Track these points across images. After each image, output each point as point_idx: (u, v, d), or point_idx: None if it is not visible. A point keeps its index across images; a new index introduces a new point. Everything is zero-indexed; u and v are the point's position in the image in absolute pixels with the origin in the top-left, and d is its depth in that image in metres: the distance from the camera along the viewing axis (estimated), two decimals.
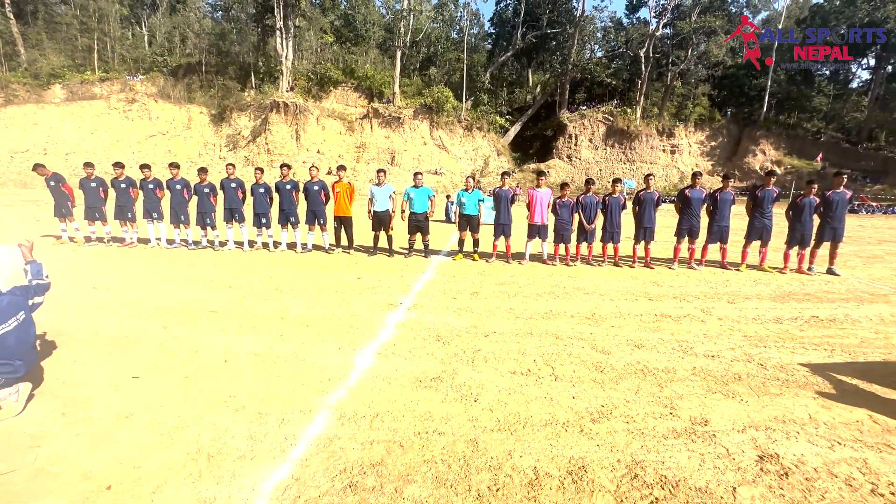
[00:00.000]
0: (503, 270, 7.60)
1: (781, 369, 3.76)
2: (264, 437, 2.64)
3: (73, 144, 34.27)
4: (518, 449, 2.58)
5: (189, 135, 36.44)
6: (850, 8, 36.23)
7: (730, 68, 40.40)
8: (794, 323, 5.03)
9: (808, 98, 39.76)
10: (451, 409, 3.01)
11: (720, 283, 6.98)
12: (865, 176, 34.50)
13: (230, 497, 2.14)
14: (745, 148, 38.82)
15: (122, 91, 36.68)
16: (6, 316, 2.78)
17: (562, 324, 4.81)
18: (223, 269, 7.14)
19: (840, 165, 36.41)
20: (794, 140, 38.34)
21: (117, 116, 35.90)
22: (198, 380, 3.35)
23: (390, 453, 2.51)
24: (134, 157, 35.21)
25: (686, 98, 40.82)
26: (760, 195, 7.81)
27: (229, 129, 36.32)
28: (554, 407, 3.06)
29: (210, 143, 36.33)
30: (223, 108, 37.03)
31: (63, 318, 4.60)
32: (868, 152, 36.46)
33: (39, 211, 14.72)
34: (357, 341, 4.19)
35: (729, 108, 42.02)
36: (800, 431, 2.83)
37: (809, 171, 36.01)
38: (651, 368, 3.72)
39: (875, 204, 25.76)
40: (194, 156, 35.11)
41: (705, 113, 40.19)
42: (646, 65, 38.46)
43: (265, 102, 35.47)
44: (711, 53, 37.31)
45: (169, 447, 2.52)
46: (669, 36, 39.98)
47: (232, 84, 38.62)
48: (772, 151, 38.05)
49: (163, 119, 36.45)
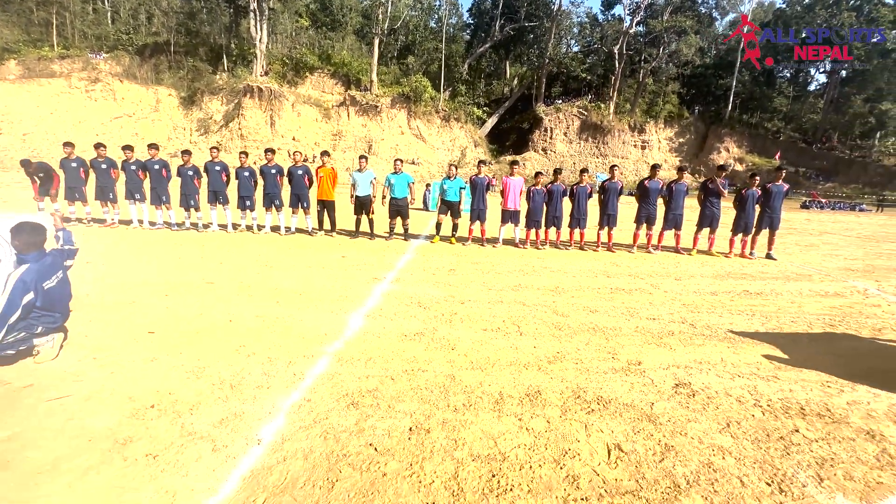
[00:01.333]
0: (478, 252, 8.23)
1: (707, 328, 4.53)
2: (276, 374, 3.17)
3: (30, 124, 32.76)
4: (487, 380, 3.20)
5: (157, 117, 35.39)
6: (809, 14, 38.43)
7: (698, 68, 42.20)
8: (727, 295, 5.87)
9: (770, 99, 42.04)
10: (432, 355, 3.61)
11: (671, 264, 7.84)
12: (818, 174, 36.97)
13: (255, 412, 2.67)
14: (710, 145, 40.80)
15: (84, 70, 35.17)
16: (50, 272, 3.17)
17: (528, 294, 5.48)
18: (211, 249, 7.48)
19: (796, 164, 38.91)
20: (756, 139, 40.57)
21: (79, 96, 34.47)
22: (208, 335, 3.82)
23: (383, 383, 3.09)
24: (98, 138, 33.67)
25: (657, 95, 42.44)
26: (710, 187, 8.70)
27: (200, 113, 35.47)
28: (518, 353, 3.71)
29: (180, 127, 35.42)
30: (193, 90, 36.08)
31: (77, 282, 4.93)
32: (822, 152, 39.03)
33: (4, 192, 14.37)
34: (347, 307, 4.72)
35: (697, 107, 43.95)
36: (710, 369, 3.57)
37: (769, 168, 38.26)
38: (601, 327, 4.41)
39: (825, 200, 27.80)
40: (163, 139, 34.10)
41: (674, 110, 41.93)
42: (619, 61, 39.74)
43: (238, 86, 34.81)
44: (681, 52, 38.87)
45: (196, 381, 3.02)
46: (642, 34, 41.38)
47: (203, 66, 37.63)
48: (735, 149, 40.16)
49: (128, 100, 35.23)
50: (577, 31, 45.14)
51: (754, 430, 2.72)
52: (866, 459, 2.48)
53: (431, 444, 2.45)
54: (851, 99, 37.95)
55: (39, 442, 2.32)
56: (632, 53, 40.92)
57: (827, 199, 28.25)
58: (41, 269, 3.12)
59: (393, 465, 2.26)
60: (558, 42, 42.33)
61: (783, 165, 37.64)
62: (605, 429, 2.65)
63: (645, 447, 2.49)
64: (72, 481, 2.05)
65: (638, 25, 41.15)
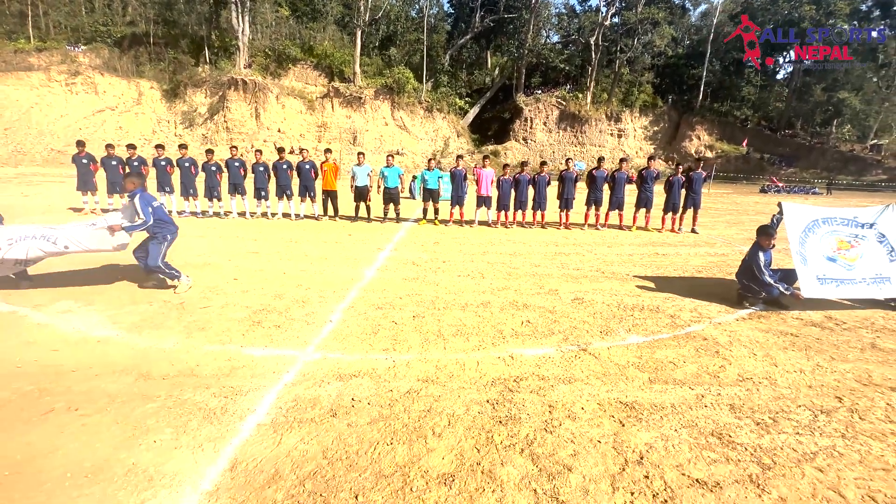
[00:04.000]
0: (457, 230, 10.35)
1: (612, 273, 6.74)
2: (328, 296, 5.23)
3: (10, 119, 33.42)
4: (458, 300, 5.32)
5: (140, 110, 36.29)
6: (773, 6, 41.20)
7: (671, 58, 44.72)
8: (639, 256, 8.12)
9: (739, 88, 44.89)
10: (423, 288, 5.72)
11: (611, 237, 10.09)
12: (782, 160, 40.04)
13: (323, 312, 4.74)
14: (682, 133, 43.53)
15: (63, 62, 35.73)
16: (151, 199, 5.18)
17: (492, 257, 7.62)
18: (240, 231, 9.42)
19: (762, 151, 41.94)
20: (725, 126, 43.44)
21: (59, 90, 35.14)
22: (273, 280, 5.85)
23: (394, 302, 5.18)
24: (81, 133, 34.80)
25: (632, 85, 44.86)
26: (645, 174, 10.95)
27: (184, 106, 36.47)
28: (479, 286, 5.84)
29: (164, 120, 36.41)
30: (176, 83, 37.01)
31: None
32: (785, 139, 42.13)
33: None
34: (361, 265, 6.79)
35: (670, 96, 46.55)
36: (600, 292, 5.76)
37: (736, 155, 41.25)
38: (538, 274, 6.58)
39: (782, 185, 30.67)
40: (148, 133, 35.19)
41: (649, 99, 44.45)
42: (596, 52, 41.96)
43: (222, 79, 35.90)
44: (655, 43, 41.28)
45: (281, 301, 5.07)
46: (618, 25, 43.62)
47: (185, 58, 38.47)
48: (705, 137, 42.97)
49: (110, 94, 36.02)
50: (555, 23, 47.16)
51: (607, 314, 4.91)
52: (660, 324, 4.68)
53: (425, 321, 4.56)
54: (812, 88, 40.99)
55: (213, 321, 4.36)
56: (608, 44, 43.15)
57: (784, 184, 31.12)
58: (144, 196, 5.10)
59: (405, 328, 4.37)
60: (537, 33, 44.29)
61: (750, 152, 40.73)
62: (522, 316, 4.81)
63: (542, 320, 4.65)
64: (241, 336, 4.10)
65: (613, 17, 43.38)
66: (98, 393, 3.04)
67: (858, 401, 3.25)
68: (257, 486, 2.24)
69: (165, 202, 10.75)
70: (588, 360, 3.77)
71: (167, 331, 4.14)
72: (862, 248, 5.42)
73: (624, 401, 3.13)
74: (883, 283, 5.35)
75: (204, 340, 3.95)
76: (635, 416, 2.96)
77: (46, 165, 31.16)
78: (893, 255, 5.51)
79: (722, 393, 3.29)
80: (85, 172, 10.60)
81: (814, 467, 2.50)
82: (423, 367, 3.56)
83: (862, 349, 4.19)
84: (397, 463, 2.43)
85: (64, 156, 32.89)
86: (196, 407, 2.90)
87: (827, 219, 5.64)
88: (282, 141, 35.16)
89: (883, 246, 5.55)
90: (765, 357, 3.94)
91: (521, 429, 2.77)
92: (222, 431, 2.66)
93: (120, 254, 5.48)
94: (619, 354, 3.90)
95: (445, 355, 3.80)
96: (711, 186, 30.39)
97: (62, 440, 2.54)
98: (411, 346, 3.96)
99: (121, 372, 3.34)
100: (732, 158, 41.21)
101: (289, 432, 2.67)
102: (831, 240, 5.47)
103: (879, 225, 5.56)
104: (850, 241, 5.44)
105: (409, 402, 3.05)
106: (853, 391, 3.39)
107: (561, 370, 3.58)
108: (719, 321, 4.84)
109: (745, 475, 2.41)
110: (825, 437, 2.79)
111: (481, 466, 2.42)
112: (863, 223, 5.55)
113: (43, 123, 33.72)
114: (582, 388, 3.30)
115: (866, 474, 2.45)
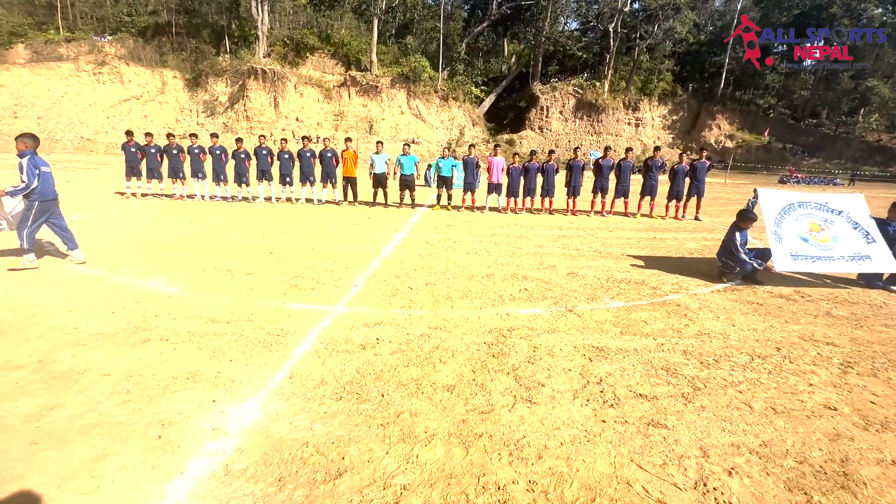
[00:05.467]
0: (468, 215, 11.11)
1: (609, 253, 7.44)
2: (353, 266, 6.08)
3: (42, 108, 35.15)
4: (466, 272, 6.11)
5: (164, 99, 37.71)
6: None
7: (692, 45, 44.17)
8: (637, 240, 8.77)
9: (762, 76, 44.13)
10: (435, 262, 6.52)
11: (614, 223, 10.73)
12: (804, 150, 39.50)
13: (349, 278, 5.59)
14: (702, 122, 43.16)
15: (91, 52, 37.28)
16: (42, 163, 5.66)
17: (499, 238, 8.38)
18: (266, 214, 10.35)
19: (784, 140, 41.38)
20: (747, 115, 42.90)
21: (87, 79, 36.71)
22: (303, 255, 6.72)
23: (409, 273, 6.00)
24: (108, 122, 36.50)
25: (651, 73, 44.50)
26: (650, 163, 11.50)
27: (206, 95, 37.75)
28: (485, 262, 6.62)
29: (186, 109, 37.78)
30: (198, 72, 38.26)
31: (197, 234, 7.84)
32: (809, 128, 41.47)
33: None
34: (381, 242, 7.63)
35: (690, 84, 46.07)
36: (594, 268, 6.47)
37: (757, 145, 40.80)
38: (541, 252, 7.32)
39: (801, 175, 30.47)
40: (171, 121, 36.57)
41: (668, 88, 44.10)
42: (615, 39, 41.72)
43: (242, 68, 36.98)
44: (676, 30, 40.84)
45: (313, 269, 5.93)
46: (638, 11, 43.20)
47: (206, 48, 39.66)
48: (726, 126, 42.54)
49: (135, 83, 37.49)
50: (574, 9, 46.88)
51: (596, 285, 5.64)
52: (641, 293, 5.40)
53: (436, 287, 5.37)
54: (840, 76, 40.14)
55: (258, 285, 5.25)
56: (627, 31, 42.81)
57: (803, 175, 30.90)
58: (34, 159, 5.48)
59: (419, 292, 5.19)
60: (555, 20, 44.15)
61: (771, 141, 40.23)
62: (521, 285, 5.57)
63: (537, 288, 5.42)
64: (283, 295, 4.97)
65: (633, 2, 42.96)
66: (179, 329, 3.94)
67: (793, 351, 3.95)
68: (310, 387, 3.08)
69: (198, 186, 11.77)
70: (572, 318, 4.53)
71: (221, 291, 5.04)
72: (832, 230, 6.02)
73: (595, 345, 3.90)
74: (863, 260, 5.94)
75: (253, 298, 4.83)
76: (603, 355, 3.72)
77: (77, 153, 32.85)
78: (869, 237, 6.09)
79: (680, 343, 4.02)
80: (132, 159, 11.62)
81: (736, 390, 3.23)
82: (433, 320, 4.37)
83: (816, 315, 4.85)
84: (412, 378, 3.26)
85: (93, 143, 34.65)
86: (256, 340, 3.77)
87: (802, 202, 6.24)
88: (300, 129, 36.22)
89: (857, 231, 6.13)
90: (726, 319, 4.65)
91: (509, 360, 3.57)
92: (279, 356, 3.52)
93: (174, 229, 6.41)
94: (599, 315, 4.65)
95: (452, 312, 4.60)
96: (728, 177, 30.42)
97: (163, 357, 3.43)
98: (424, 305, 4.77)
99: (193, 317, 4.24)
100: (753, 148, 40.79)
101: (329, 357, 3.51)
102: (805, 222, 6.08)
103: (849, 213, 6.14)
104: (821, 224, 6.05)
105: (422, 341, 3.86)
106: (793, 344, 4.09)
107: (547, 324, 4.35)
108: (696, 293, 5.54)
109: (679, 393, 3.17)
110: (754, 372, 3.52)
111: (475, 381, 3.23)
112: (832, 209, 6.14)
113: (72, 112, 35.35)
114: (563, 337, 4.07)
115: (776, 395, 3.18)
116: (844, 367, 3.64)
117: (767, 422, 2.85)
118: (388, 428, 2.66)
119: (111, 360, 3.37)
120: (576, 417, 2.83)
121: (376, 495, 2.15)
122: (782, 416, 2.92)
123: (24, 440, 2.46)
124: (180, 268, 5.86)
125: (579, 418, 2.82)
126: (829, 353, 3.92)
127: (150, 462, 2.32)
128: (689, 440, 2.64)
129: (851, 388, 3.32)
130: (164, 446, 2.44)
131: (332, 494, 2.14)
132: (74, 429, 2.57)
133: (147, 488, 2.15)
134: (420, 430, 2.65)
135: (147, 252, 6.58)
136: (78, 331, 3.85)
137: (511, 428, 2.70)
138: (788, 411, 2.98)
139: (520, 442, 2.57)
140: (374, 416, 2.77)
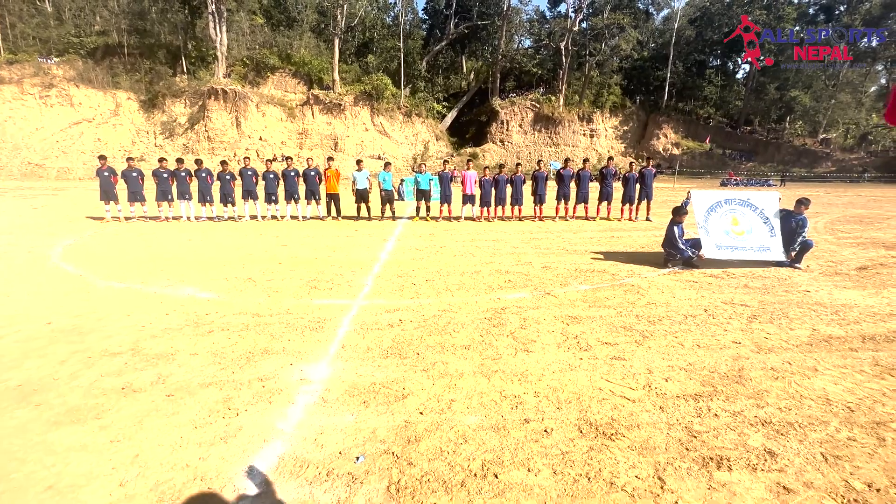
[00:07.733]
0: (447, 225, 12.25)
1: (575, 251, 8.75)
2: (358, 270, 7.04)
3: None
4: (457, 270, 7.21)
5: (118, 122, 37.00)
6: (729, 11, 44.79)
7: (637, 60, 47.90)
8: (599, 239, 10.17)
9: (701, 88, 48.40)
10: (429, 264, 7.58)
11: (577, 226, 12.17)
12: (741, 155, 43.49)
13: (358, 280, 6.55)
14: (650, 132, 46.67)
15: (37, 75, 36.15)
16: None
17: (480, 243, 9.55)
18: (259, 231, 11.07)
19: (724, 147, 45.36)
20: (689, 125, 46.81)
21: (33, 102, 35.57)
22: (310, 263, 7.60)
23: (409, 273, 7.03)
24: (58, 146, 35.41)
25: (602, 87, 47.83)
26: (605, 172, 13.09)
27: (163, 116, 37.36)
28: (470, 262, 7.75)
29: (143, 131, 37.21)
30: (154, 93, 37.87)
31: (200, 250, 8.54)
32: (744, 135, 45.73)
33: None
34: (375, 251, 8.61)
35: (638, 97, 49.78)
36: (563, 262, 7.73)
37: (700, 151, 44.53)
38: (517, 252, 8.53)
39: (739, 178, 33.76)
40: (127, 143, 35.96)
41: (618, 100, 47.49)
42: (566, 56, 44.73)
43: (201, 89, 36.96)
44: (621, 47, 44.30)
45: (324, 274, 6.84)
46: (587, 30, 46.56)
47: (161, 68, 39.32)
48: (672, 135, 46.19)
49: (86, 105, 36.64)
50: (527, 28, 49.83)
51: (566, 275, 6.87)
52: (603, 279, 6.66)
53: (435, 282, 6.42)
54: (767, 87, 44.70)
55: (281, 288, 6.12)
56: (578, 48, 46.01)
57: (741, 178, 34.23)
58: None
59: (422, 287, 6.22)
60: (510, 39, 46.85)
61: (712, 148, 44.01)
62: (505, 278, 6.72)
63: (519, 279, 6.57)
64: (307, 294, 5.88)
65: (582, 22, 46.29)
66: (234, 323, 4.80)
67: (716, 311, 5.27)
68: (360, 352, 4.06)
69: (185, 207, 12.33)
70: (550, 299, 5.70)
71: (251, 294, 5.88)
72: (747, 224, 7.56)
73: (570, 315, 5.07)
74: (765, 250, 7.48)
75: (282, 298, 5.71)
76: (576, 321, 4.89)
77: (25, 179, 31.71)
78: (773, 232, 7.65)
79: (633, 310, 5.27)
80: (106, 184, 12.03)
81: (673, 336, 4.47)
82: (440, 305, 5.42)
83: (736, 288, 6.27)
84: (436, 342, 4.29)
85: (42, 168, 33.55)
86: (303, 326, 4.70)
87: (728, 199, 7.78)
88: (264, 149, 36.50)
89: (766, 225, 7.69)
90: (669, 293, 5.96)
91: (506, 328, 4.67)
92: (327, 335, 4.47)
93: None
94: (571, 295, 5.85)
95: (454, 299, 5.67)
96: (676, 181, 33.26)
97: (233, 341, 4.30)
98: (429, 296, 5.82)
99: (239, 313, 5.09)
100: (697, 154, 44.51)
101: (367, 333, 4.50)
102: (728, 217, 7.60)
103: (763, 209, 7.72)
104: (740, 218, 7.58)
105: (436, 319, 4.91)
106: (716, 307, 5.42)
107: (531, 303, 5.50)
108: (646, 276, 6.87)
109: (633, 340, 4.37)
110: (686, 325, 4.79)
111: (485, 341, 4.31)
112: (752, 205, 7.70)
113: (18, 137, 34.14)
114: (545, 311, 5.22)
115: (700, 337, 4.44)
116: (750, 319, 4.99)
117: (693, 353, 4.09)
118: (429, 371, 3.69)
119: (191, 344, 4.22)
120: (561, 357, 3.96)
121: (434, 406, 3.18)
122: (703, 349, 4.18)
123: (160, 394, 3.32)
124: (204, 278, 6.62)
125: (564, 358, 3.96)
126: (741, 311, 5.27)
127: (266, 399, 3.25)
128: (640, 365, 3.82)
129: (753, 331, 4.64)
130: (270, 391, 3.37)
131: (403, 407, 3.16)
132: (195, 385, 3.45)
133: (273, 412, 3.08)
134: (452, 370, 3.70)
135: (163, 267, 7.27)
136: (147, 328, 4.64)
137: (517, 366, 3.80)
138: (707, 346, 4.24)
139: (524, 373, 3.67)
140: (417, 366, 3.80)
